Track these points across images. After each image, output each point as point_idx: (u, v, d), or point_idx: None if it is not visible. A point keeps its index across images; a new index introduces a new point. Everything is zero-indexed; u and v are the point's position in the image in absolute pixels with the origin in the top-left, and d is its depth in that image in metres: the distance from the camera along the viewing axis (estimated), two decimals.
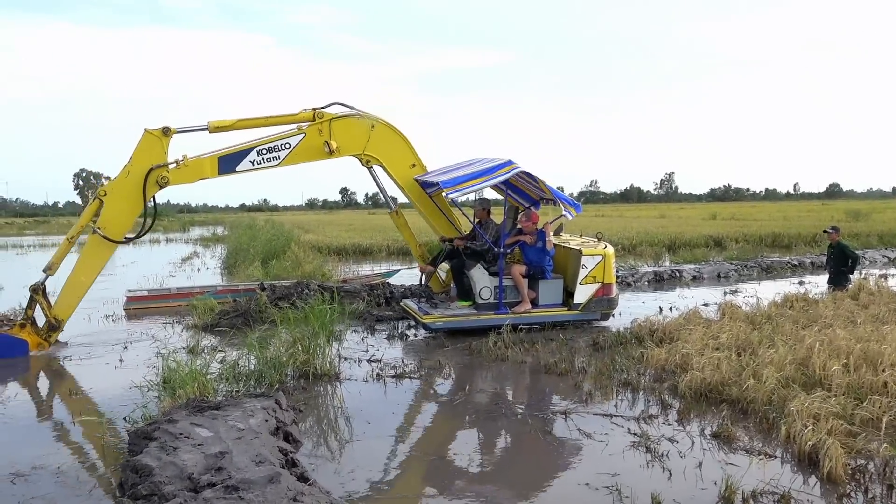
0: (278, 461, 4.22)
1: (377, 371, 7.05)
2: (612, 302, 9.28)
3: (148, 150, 8.33)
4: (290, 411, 5.46)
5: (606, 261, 9.08)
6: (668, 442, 4.93)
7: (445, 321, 8.74)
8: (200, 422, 4.76)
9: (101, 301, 12.41)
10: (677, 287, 13.86)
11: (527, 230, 9.14)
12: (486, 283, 9.00)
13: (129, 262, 22.02)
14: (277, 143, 8.74)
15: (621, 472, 4.39)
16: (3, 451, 5.06)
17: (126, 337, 9.16)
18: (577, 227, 32.47)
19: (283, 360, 6.73)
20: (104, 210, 8.34)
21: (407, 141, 9.53)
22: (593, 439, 5.01)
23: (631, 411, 5.64)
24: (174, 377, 5.87)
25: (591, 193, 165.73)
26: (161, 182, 8.35)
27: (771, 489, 4.09)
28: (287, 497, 3.61)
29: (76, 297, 8.38)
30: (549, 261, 9.14)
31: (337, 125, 9.04)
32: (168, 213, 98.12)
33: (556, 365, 7.00)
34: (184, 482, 3.79)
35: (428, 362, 7.43)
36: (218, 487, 3.66)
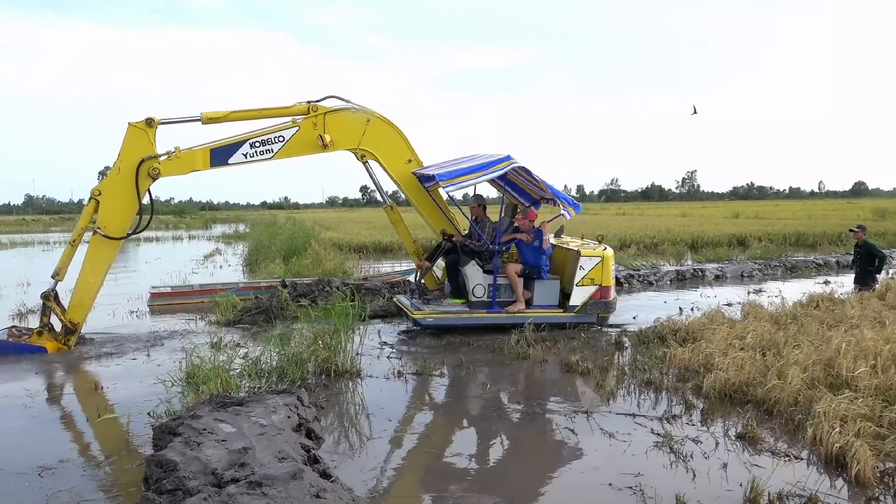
0: (301, 458, 4.23)
1: (398, 369, 7.06)
2: (610, 305, 9.03)
3: (134, 143, 8.28)
4: (311, 408, 5.47)
5: (605, 263, 8.86)
6: (691, 442, 4.88)
7: (436, 317, 8.65)
8: (224, 417, 4.80)
9: (126, 297, 12.57)
10: (700, 286, 13.73)
11: (523, 228, 9.00)
12: (479, 280, 8.88)
13: (153, 259, 22.30)
14: (271, 136, 8.64)
15: (645, 473, 4.35)
16: (30, 445, 5.13)
17: (150, 333, 9.24)
18: (595, 225, 32.39)
19: (305, 357, 6.75)
20: (101, 209, 8.34)
21: (403, 136, 9.37)
22: (616, 439, 4.98)
23: (654, 411, 5.60)
24: (197, 373, 5.92)
25: (611, 192, 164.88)
26: (152, 174, 8.29)
27: (797, 491, 4.04)
28: (310, 494, 3.62)
29: (88, 298, 8.43)
30: (546, 260, 8.98)
31: (332, 119, 8.90)
32: (190, 210, 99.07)
33: (577, 364, 6.97)
34: (207, 477, 3.81)
35: (449, 360, 7.42)
36: (241, 483, 3.67)
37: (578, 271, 8.76)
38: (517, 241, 9.10)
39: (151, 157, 8.25)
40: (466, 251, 9.08)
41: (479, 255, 9.04)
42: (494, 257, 8.78)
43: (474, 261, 8.96)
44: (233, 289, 11.63)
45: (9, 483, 4.40)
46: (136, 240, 35.47)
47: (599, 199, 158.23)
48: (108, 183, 8.35)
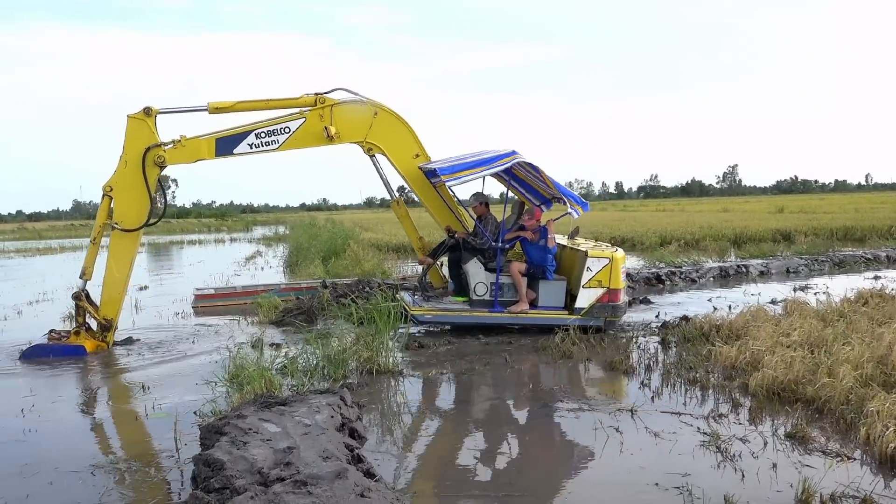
0: (344, 457, 4.26)
1: (441, 368, 7.06)
2: (618, 309, 8.66)
3: (136, 134, 8.33)
4: (354, 407, 5.51)
5: (614, 265, 8.51)
6: (739, 442, 4.78)
7: (435, 314, 8.52)
8: (268, 417, 4.86)
9: (171, 299, 12.83)
10: (743, 283, 13.47)
11: (529, 227, 8.82)
12: (481, 278, 8.75)
13: (196, 262, 22.72)
14: (277, 127, 8.59)
15: (692, 472, 4.27)
16: (82, 444, 5.27)
17: (194, 333, 9.41)
18: (634, 220, 32.02)
19: (347, 357, 6.80)
20: (115, 204, 8.45)
21: (411, 130, 9.23)
22: (661, 438, 4.90)
23: (700, 410, 5.50)
24: (242, 373, 6.00)
25: (650, 188, 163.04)
26: (158, 161, 8.36)
27: (851, 493, 3.92)
28: (354, 493, 3.64)
29: (117, 293, 8.54)
30: (552, 260, 8.77)
31: (338, 111, 8.82)
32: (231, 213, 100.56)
33: (621, 362, 6.89)
34: (254, 476, 3.86)
35: (493, 360, 7.40)
36: (287, 482, 3.71)
37: (585, 272, 8.47)
38: (522, 240, 8.91)
39: (156, 146, 8.31)
40: (469, 248, 8.92)
41: (483, 252, 8.88)
42: (497, 255, 8.62)
43: (476, 258, 8.81)
44: (274, 290, 11.79)
45: (63, 481, 4.51)
46: (180, 242, 36.23)
47: (638, 196, 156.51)
48: (118, 177, 8.40)
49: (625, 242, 22.39)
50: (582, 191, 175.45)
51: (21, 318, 11.30)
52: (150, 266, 22.41)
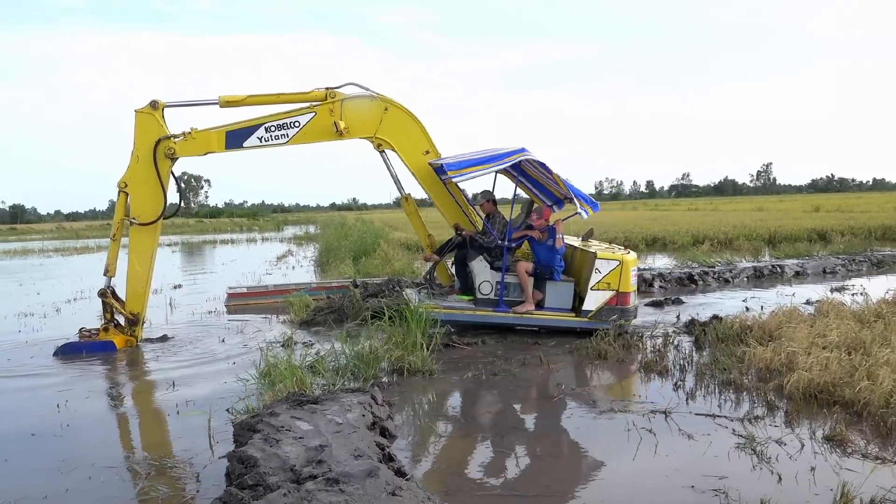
0: (376, 455, 4.27)
1: (473, 368, 7.04)
2: (627, 313, 8.44)
3: (145, 128, 8.39)
4: (385, 406, 5.52)
5: (623, 267, 8.35)
6: (776, 444, 4.70)
7: (437, 312, 8.28)
8: (300, 415, 4.89)
9: (204, 297, 13.00)
10: (778, 283, 13.24)
11: (537, 227, 8.69)
12: (486, 277, 8.64)
13: (229, 261, 22.99)
14: (287, 121, 8.57)
15: (728, 475, 4.21)
16: (118, 441, 5.37)
17: (226, 331, 9.52)
18: (665, 219, 31.65)
19: (378, 356, 6.81)
20: (132, 200, 8.52)
21: (422, 126, 9.12)
22: (696, 440, 4.83)
23: (735, 412, 5.42)
24: (274, 371, 6.05)
25: (682, 187, 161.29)
26: (169, 154, 8.40)
27: (892, 497, 3.83)
28: (386, 491, 3.65)
29: (140, 287, 8.65)
30: (560, 261, 8.61)
31: (348, 106, 8.76)
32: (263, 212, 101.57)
33: (655, 363, 6.81)
34: (287, 473, 3.88)
35: (525, 359, 7.37)
36: (319, 480, 3.73)
37: (594, 274, 8.31)
38: (530, 240, 8.77)
39: (166, 138, 8.37)
40: (475, 246, 8.82)
41: (489, 251, 8.76)
42: (504, 254, 8.50)
43: (482, 256, 8.70)
44: (305, 289, 11.88)
45: (100, 476, 4.59)
46: (213, 242, 36.69)
47: (670, 195, 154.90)
48: (131, 173, 8.46)
49: (656, 242, 22.17)
50: (613, 189, 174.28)
51: (59, 316, 11.53)
52: (184, 265, 22.73)
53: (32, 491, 4.35)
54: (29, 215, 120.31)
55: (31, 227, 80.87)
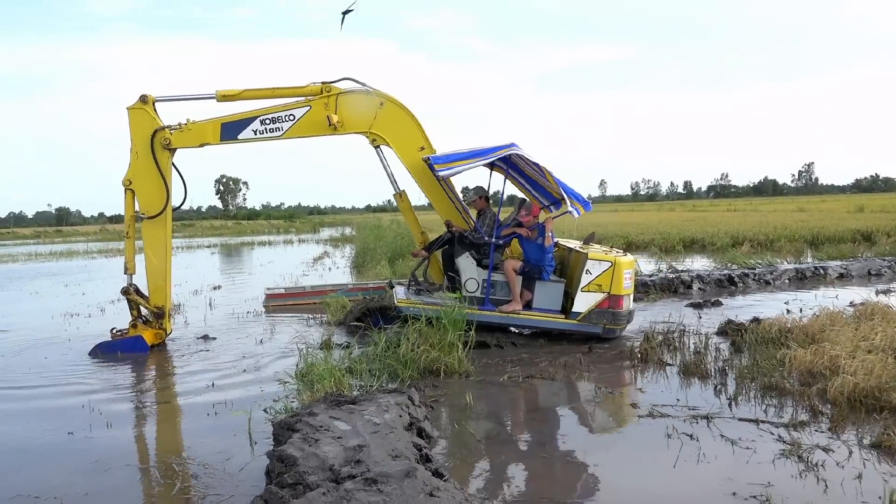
0: (413, 456, 4.29)
1: (510, 370, 7.02)
2: (619, 316, 8.17)
3: (139, 123, 8.46)
4: (422, 407, 5.54)
5: (616, 269, 8.11)
6: (821, 451, 4.58)
7: (419, 308, 8.15)
8: (338, 415, 4.93)
9: (243, 298, 13.19)
10: (821, 285, 12.94)
11: (526, 224, 8.48)
12: (473, 274, 8.48)
13: (267, 262, 23.29)
14: (282, 114, 8.54)
15: (773, 482, 4.12)
16: (155, 442, 5.46)
17: (265, 332, 9.64)
18: (704, 220, 31.18)
19: (414, 357, 6.82)
20: (138, 196, 8.62)
21: (417, 122, 8.96)
22: (739, 446, 4.74)
23: (778, 417, 5.30)
24: (312, 372, 6.10)
25: (721, 187, 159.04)
26: (165, 144, 8.45)
27: None
28: (423, 492, 3.65)
29: (160, 279, 8.76)
30: (550, 260, 8.38)
31: (344, 100, 8.67)
32: (299, 214, 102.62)
33: (695, 366, 6.72)
34: (325, 473, 3.92)
35: (563, 361, 7.32)
36: (358, 479, 3.75)
37: (584, 275, 8.09)
38: (519, 237, 8.57)
39: (161, 129, 8.44)
40: (463, 243, 8.66)
41: (477, 248, 8.55)
42: (490, 251, 8.35)
43: (469, 253, 8.54)
44: (342, 290, 11.97)
45: (137, 475, 4.69)
46: (251, 243, 37.19)
47: (708, 195, 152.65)
48: (133, 169, 8.54)
49: (694, 243, 21.87)
50: (649, 190, 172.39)
51: (103, 316, 11.79)
52: (223, 266, 23.10)
53: (73, 489, 4.43)
54: (73, 218, 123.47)
55: (76, 229, 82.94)
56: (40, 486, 4.48)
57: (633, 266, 8.50)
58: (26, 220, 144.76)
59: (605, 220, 37.85)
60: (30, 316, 12.20)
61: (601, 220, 37.94)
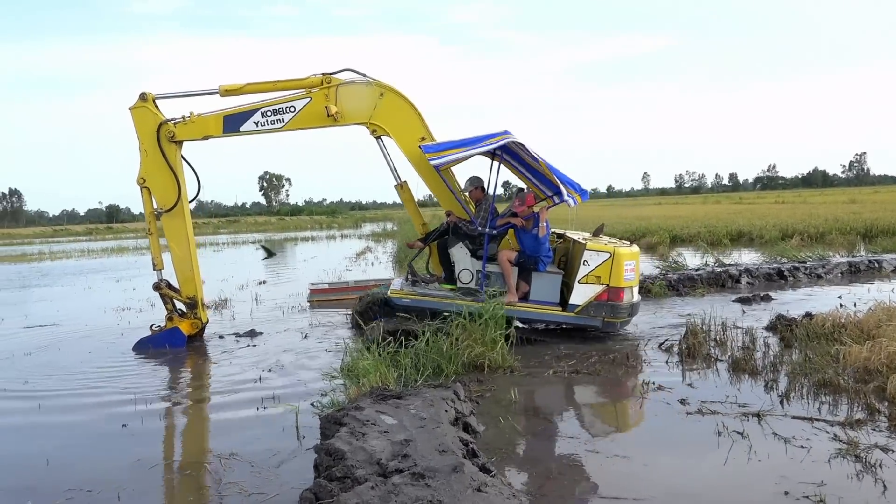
0: (460, 451, 4.29)
1: (555, 365, 6.97)
2: (619, 309, 7.93)
3: (143, 121, 8.62)
4: (467, 402, 5.54)
5: (615, 260, 7.84)
6: (879, 451, 4.44)
7: (412, 299, 8.10)
8: (384, 409, 4.96)
9: (287, 294, 13.36)
10: (876, 279, 12.56)
11: (520, 213, 8.28)
12: (466, 265, 8.33)
13: (310, 257, 23.57)
14: (282, 106, 8.59)
15: (827, 482, 4.02)
16: (203, 437, 5.55)
17: (309, 327, 9.75)
18: (751, 213, 30.54)
19: (458, 352, 6.82)
20: (153, 192, 8.80)
21: (418, 112, 8.86)
22: (792, 444, 4.62)
23: (833, 415, 5.16)
24: (357, 366, 6.15)
25: (768, 179, 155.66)
26: (170, 137, 8.58)
27: None
28: (471, 487, 3.65)
29: (188, 270, 8.93)
30: (547, 250, 8.18)
31: (344, 91, 8.66)
32: (341, 210, 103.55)
33: (745, 362, 6.58)
34: (373, 467, 3.94)
35: (610, 356, 7.24)
36: (405, 474, 3.77)
37: (582, 267, 7.89)
38: (515, 228, 8.39)
39: (164, 123, 8.58)
40: (457, 233, 8.54)
41: (472, 238, 8.40)
42: (485, 242, 8.19)
43: (463, 243, 8.41)
44: (385, 285, 12.01)
45: (186, 469, 4.80)
46: (294, 239, 37.66)
47: (754, 187, 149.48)
48: (144, 167, 8.72)
49: (742, 236, 21.44)
50: (694, 183, 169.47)
51: (153, 310, 12.05)
52: (267, 262, 23.43)
53: (124, 483, 4.52)
54: (123, 215, 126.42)
55: (126, 226, 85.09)
56: (93, 479, 4.58)
57: (635, 257, 8.22)
58: (78, 217, 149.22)
59: (649, 213, 37.38)
60: (82, 311, 12.58)
61: (645, 213, 37.48)
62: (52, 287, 17.64)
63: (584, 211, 10.14)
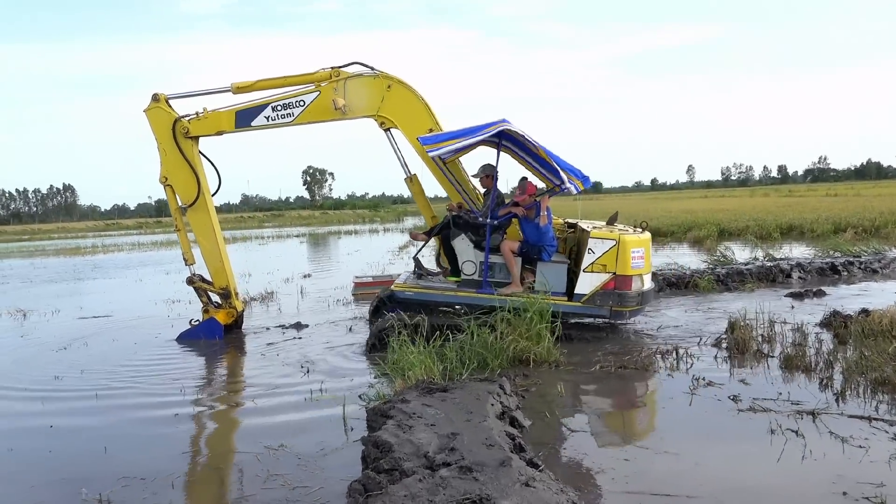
0: (507, 445, 4.27)
1: (600, 360, 6.90)
2: (627, 298, 7.74)
3: (157, 120, 8.82)
4: (513, 396, 5.52)
5: (621, 247, 7.68)
6: None
7: (415, 292, 8.03)
8: (431, 402, 4.97)
9: (332, 286, 13.49)
10: None
11: (522, 203, 8.12)
12: (469, 256, 8.24)
13: (353, 251, 23.76)
14: (292, 101, 8.69)
15: (887, 483, 3.89)
16: (252, 424, 5.63)
17: (354, 319, 9.83)
18: (801, 206, 29.75)
19: (503, 346, 6.78)
20: (176, 189, 9.02)
21: (425, 104, 8.79)
22: (850, 444, 4.48)
23: (892, 415, 4.99)
24: (403, 359, 6.17)
25: (819, 171, 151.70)
26: (185, 132, 8.77)
27: None
28: (519, 482, 3.63)
29: (217, 261, 9.16)
30: (552, 239, 8.05)
31: (352, 84, 8.72)
32: (384, 204, 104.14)
33: (798, 359, 6.41)
34: (420, 460, 3.95)
35: (657, 351, 7.12)
36: (453, 467, 3.77)
37: (587, 255, 7.72)
38: (521, 218, 8.23)
39: (178, 119, 8.76)
40: (459, 224, 8.43)
41: (476, 229, 8.32)
42: (487, 232, 8.05)
43: (465, 235, 8.30)
44: None
45: (235, 458, 4.87)
46: (337, 233, 38.01)
47: (805, 180, 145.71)
48: (165, 166, 8.95)
49: (792, 230, 20.94)
50: (741, 175, 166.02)
51: None
52: (311, 255, 23.70)
53: (175, 472, 4.62)
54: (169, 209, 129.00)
55: None
56: (145, 469, 4.67)
57: (644, 244, 7.99)
58: (129, 211, 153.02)
59: (695, 207, 36.73)
60: (134, 302, 12.89)
61: (691, 207, 36.84)
62: (105, 279, 18.13)
63: (624, 204, 9.91)
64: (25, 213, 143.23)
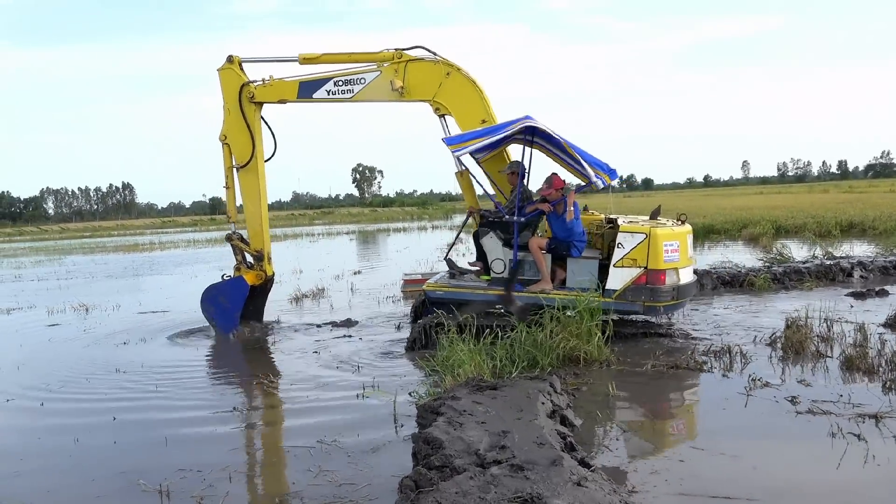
0: (558, 444, 4.24)
1: (651, 359, 6.79)
2: (659, 293, 7.48)
3: (228, 81, 9.09)
4: (564, 395, 5.49)
5: (652, 241, 7.42)
6: None
7: (445, 291, 8.03)
8: (481, 400, 4.98)
9: (382, 283, 13.61)
10: None
11: (550, 199, 7.94)
12: (499, 254, 8.15)
13: (402, 248, 23.92)
14: (354, 77, 8.82)
15: None
16: (305, 419, 5.72)
17: (404, 316, 9.89)
18: (862, 202, 28.73)
19: (553, 345, 6.73)
20: (232, 148, 9.25)
21: (482, 94, 8.68)
22: None
23: None
24: (453, 356, 6.18)
25: (881, 166, 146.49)
26: (249, 97, 8.99)
27: None
28: (570, 481, 3.60)
29: (257, 224, 9.38)
30: (581, 235, 7.90)
31: (412, 67, 8.73)
32: (432, 201, 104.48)
33: (859, 360, 6.20)
34: (471, 457, 3.96)
35: (711, 350, 6.99)
36: (504, 465, 3.77)
37: (617, 249, 7.56)
38: (549, 214, 8.06)
39: (246, 84, 9.01)
40: (487, 222, 8.40)
41: (505, 227, 8.22)
42: (514, 230, 7.93)
43: (493, 233, 8.20)
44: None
45: (288, 451, 4.95)
46: (386, 230, 38.28)
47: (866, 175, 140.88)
48: (226, 125, 9.22)
49: (853, 227, 20.28)
50: (798, 171, 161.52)
51: None
52: (361, 252, 23.93)
53: (234, 466, 4.72)
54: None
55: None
56: (201, 461, 4.79)
57: (679, 237, 7.73)
58: (184, 209, 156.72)
59: (751, 203, 35.87)
60: (190, 297, 13.19)
61: (746, 203, 35.97)
62: (162, 276, 18.64)
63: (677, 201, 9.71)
64: (87, 211, 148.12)
